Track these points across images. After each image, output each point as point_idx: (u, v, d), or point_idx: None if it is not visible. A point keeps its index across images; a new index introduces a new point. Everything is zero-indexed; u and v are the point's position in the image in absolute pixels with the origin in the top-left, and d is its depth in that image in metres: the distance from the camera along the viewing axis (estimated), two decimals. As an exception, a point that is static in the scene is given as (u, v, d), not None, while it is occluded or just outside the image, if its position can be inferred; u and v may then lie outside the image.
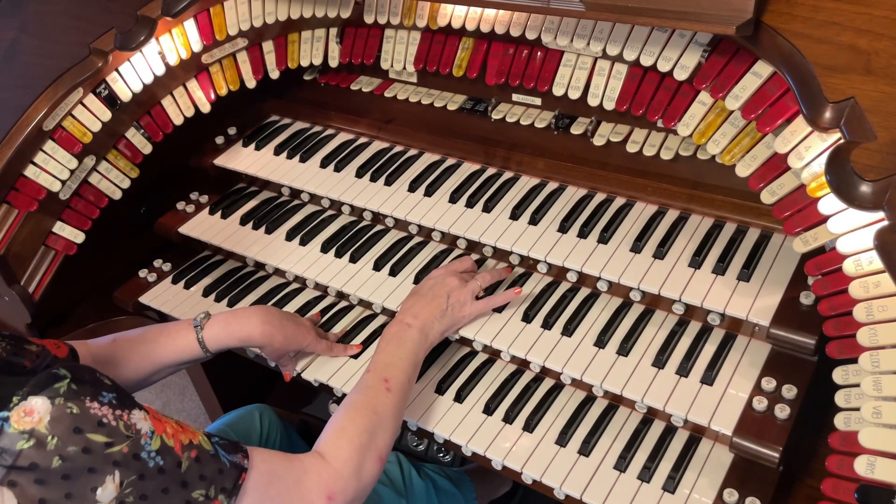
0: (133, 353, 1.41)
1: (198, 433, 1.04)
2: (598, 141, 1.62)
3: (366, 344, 1.60)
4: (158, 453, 0.95)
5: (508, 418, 1.43)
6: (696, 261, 1.42)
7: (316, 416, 2.18)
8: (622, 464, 1.32)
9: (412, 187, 1.71)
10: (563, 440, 1.38)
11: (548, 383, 1.49)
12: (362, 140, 1.89)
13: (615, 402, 1.43)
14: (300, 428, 2.19)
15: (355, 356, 1.58)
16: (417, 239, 1.71)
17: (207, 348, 1.44)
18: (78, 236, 1.75)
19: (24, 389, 0.89)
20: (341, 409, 1.25)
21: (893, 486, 0.98)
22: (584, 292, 1.52)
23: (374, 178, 1.76)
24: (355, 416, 1.22)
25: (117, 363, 1.40)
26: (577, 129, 1.65)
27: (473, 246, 1.64)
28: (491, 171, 1.72)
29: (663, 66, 1.34)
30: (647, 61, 1.36)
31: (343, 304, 1.71)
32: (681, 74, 1.33)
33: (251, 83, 1.87)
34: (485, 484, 1.95)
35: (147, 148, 1.81)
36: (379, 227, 1.76)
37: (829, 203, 1.11)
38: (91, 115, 1.68)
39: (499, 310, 1.51)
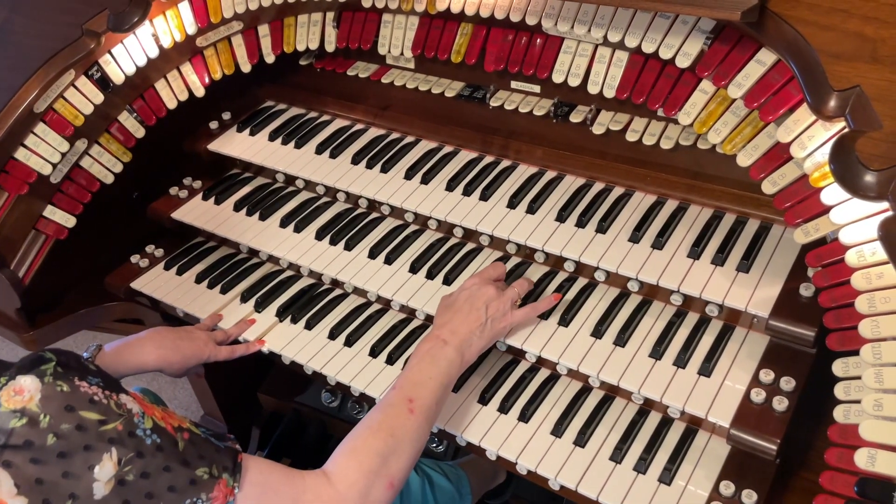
0: None
1: (185, 420, 1.03)
2: (597, 129, 1.60)
3: (358, 332, 1.58)
4: (153, 431, 0.94)
5: (504, 408, 1.41)
6: (695, 251, 1.40)
7: (309, 406, 2.16)
8: (618, 455, 1.31)
9: (409, 175, 1.69)
10: (558, 431, 1.36)
11: (543, 373, 1.47)
12: (358, 127, 1.87)
13: (611, 393, 1.42)
14: (292, 417, 2.18)
15: (347, 344, 1.56)
16: (413, 227, 1.70)
17: None
18: (69, 220, 1.72)
19: (11, 370, 0.88)
20: (358, 427, 1.18)
21: (894, 480, 0.98)
22: (581, 282, 1.51)
23: (370, 166, 1.74)
24: (370, 438, 1.15)
25: None
26: (576, 118, 1.63)
27: (470, 234, 1.62)
28: (489, 159, 1.70)
29: (665, 54, 1.32)
30: (648, 48, 1.34)
31: (338, 291, 1.69)
32: (683, 62, 1.31)
33: (246, 67, 1.85)
34: (479, 476, 1.94)
35: (140, 132, 1.78)
36: (375, 215, 1.74)
37: (831, 193, 1.10)
38: (83, 98, 1.66)
39: (495, 299, 1.50)
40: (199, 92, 1.82)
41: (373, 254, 1.64)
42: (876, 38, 1.06)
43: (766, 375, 1.26)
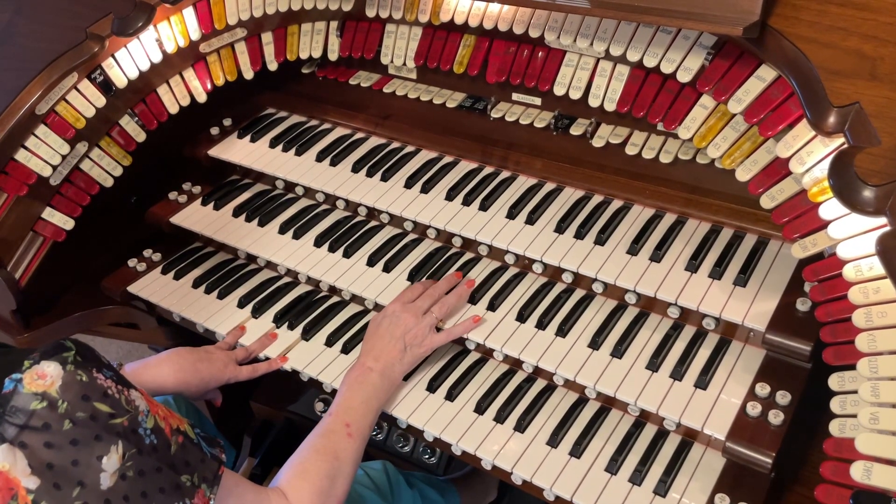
0: None
1: (184, 421, 1.05)
2: (597, 142, 1.61)
3: (355, 340, 1.58)
4: (153, 432, 0.96)
5: (500, 418, 1.41)
6: (693, 265, 1.41)
7: (302, 415, 2.15)
8: (613, 466, 1.31)
9: (408, 184, 1.70)
10: (554, 441, 1.36)
11: (540, 384, 1.47)
12: (359, 135, 1.88)
13: (608, 404, 1.42)
14: (284, 426, 2.17)
15: (344, 351, 1.56)
16: (412, 236, 1.70)
17: None
18: (67, 223, 1.72)
19: (35, 354, 0.91)
20: (303, 451, 1.26)
21: (889, 492, 0.98)
22: (579, 293, 1.51)
23: (370, 174, 1.74)
24: (317, 461, 1.24)
25: None
26: (576, 130, 1.64)
27: (469, 244, 1.63)
28: (488, 169, 1.71)
29: (666, 68, 1.34)
30: (650, 62, 1.35)
31: (335, 298, 1.69)
32: (684, 77, 1.33)
33: (249, 74, 1.86)
34: (470, 493, 1.94)
35: (141, 136, 1.78)
36: (374, 223, 1.75)
37: (829, 208, 1.11)
38: (85, 101, 1.66)
39: (492, 309, 1.50)
40: (201, 97, 1.83)
41: (371, 261, 1.64)
42: (875, 55, 1.07)
43: (762, 389, 1.27)
